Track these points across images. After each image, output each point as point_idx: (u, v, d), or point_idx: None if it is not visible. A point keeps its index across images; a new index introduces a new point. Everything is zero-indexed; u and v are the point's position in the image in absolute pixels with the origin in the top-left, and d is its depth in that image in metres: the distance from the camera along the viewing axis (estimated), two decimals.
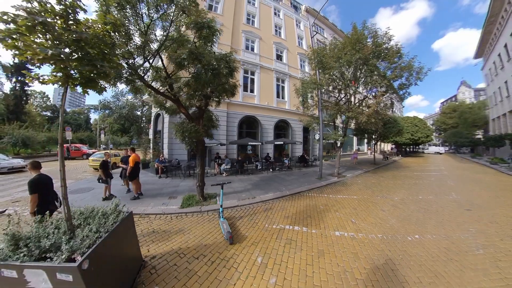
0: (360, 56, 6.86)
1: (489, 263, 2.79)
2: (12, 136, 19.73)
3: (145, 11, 4.41)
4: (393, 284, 2.33)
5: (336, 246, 3.17)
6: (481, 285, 2.36)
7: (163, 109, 6.08)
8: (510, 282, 2.40)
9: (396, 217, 4.49)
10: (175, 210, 4.63)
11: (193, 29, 4.60)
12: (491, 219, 4.35)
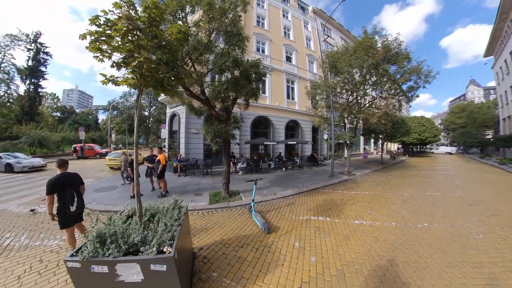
0: (372, 62, 7.44)
1: (488, 245, 3.39)
2: (29, 136, 20.75)
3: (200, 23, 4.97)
4: (410, 258, 2.96)
5: (357, 232, 3.81)
6: (481, 259, 2.96)
7: (192, 111, 6.59)
8: (506, 258, 3.00)
9: (407, 210, 5.10)
10: (205, 206, 5.09)
11: (224, 35, 5.17)
12: (493, 213, 4.92)
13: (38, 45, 29.40)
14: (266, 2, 16.96)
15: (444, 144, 53.40)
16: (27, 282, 2.51)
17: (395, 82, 8.34)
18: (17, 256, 3.08)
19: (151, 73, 2.19)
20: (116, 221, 2.20)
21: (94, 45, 2.00)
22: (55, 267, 2.79)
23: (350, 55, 8.39)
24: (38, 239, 3.59)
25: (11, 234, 3.78)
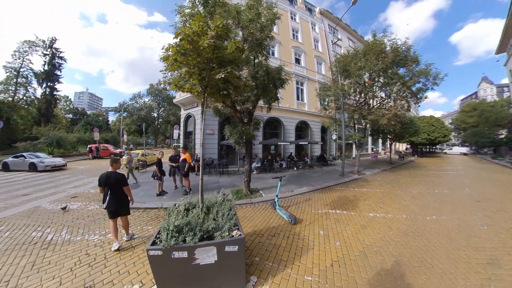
0: (382, 67, 7.91)
1: (491, 234, 3.85)
2: (48, 137, 21.99)
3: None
4: (420, 243, 3.48)
5: (373, 222, 4.34)
6: (484, 245, 3.44)
7: (217, 113, 7.04)
8: (507, 245, 3.45)
9: (416, 205, 5.58)
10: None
11: (257, 47, 5.74)
12: (499, 209, 5.32)
13: (54, 50, 30.93)
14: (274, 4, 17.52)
15: (456, 144, 52.35)
16: (80, 274, 2.65)
17: (404, 85, 8.76)
18: (63, 250, 3.26)
19: (215, 83, 2.62)
20: (176, 214, 2.48)
21: (176, 56, 2.36)
22: (104, 259, 2.97)
23: (360, 58, 8.85)
24: (78, 234, 3.80)
25: (51, 229, 3.99)
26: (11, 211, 4.98)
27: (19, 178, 9.34)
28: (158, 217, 4.64)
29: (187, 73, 2.55)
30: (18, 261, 2.94)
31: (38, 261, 2.94)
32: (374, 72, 8.26)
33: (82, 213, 4.88)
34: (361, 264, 2.86)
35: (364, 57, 8.93)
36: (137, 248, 3.33)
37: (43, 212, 4.94)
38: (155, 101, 38.61)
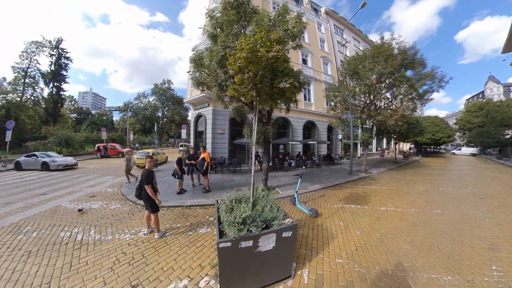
0: (391, 70, 8.38)
1: (493, 225, 4.34)
2: (57, 136, 22.56)
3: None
4: (428, 231, 3.99)
5: (385, 214, 4.86)
6: (486, 234, 3.93)
7: (237, 114, 7.44)
8: (507, 234, 3.92)
9: (423, 200, 6.09)
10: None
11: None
12: (501, 204, 5.81)
13: (60, 50, 31.58)
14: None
15: (460, 144, 52.23)
16: (122, 273, 2.67)
17: (412, 87, 9.22)
18: (97, 250, 3.25)
19: (268, 90, 3.00)
20: (233, 208, 2.74)
21: (242, 61, 2.54)
22: (142, 258, 3.02)
23: (370, 61, 9.32)
24: (108, 233, 3.81)
25: (78, 229, 3.97)
26: (32, 211, 4.97)
27: (33, 177, 9.47)
28: (184, 215, 4.78)
29: (244, 80, 2.79)
30: (54, 262, 2.90)
31: (74, 262, 2.92)
32: (384, 75, 8.73)
33: (106, 213, 4.91)
34: (381, 248, 3.37)
35: (373, 59, 9.40)
36: (173, 245, 3.41)
37: (65, 212, 4.94)
38: (160, 100, 39.26)
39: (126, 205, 5.55)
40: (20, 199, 5.96)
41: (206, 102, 12.29)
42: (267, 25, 5.48)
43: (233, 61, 2.63)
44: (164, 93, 39.43)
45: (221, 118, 12.11)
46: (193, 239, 3.66)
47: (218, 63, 5.06)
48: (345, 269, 2.79)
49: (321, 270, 2.75)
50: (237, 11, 5.47)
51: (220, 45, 4.93)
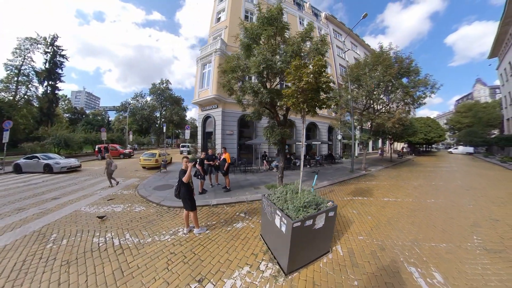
0: (389, 79, 9.44)
1: (475, 210, 5.38)
2: (55, 137, 22.27)
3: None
4: (424, 215, 4.95)
5: (388, 204, 5.82)
6: (469, 216, 4.93)
7: (256, 117, 7.64)
8: (485, 216, 4.93)
9: (418, 192, 7.14)
10: None
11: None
12: (483, 195, 6.91)
13: (55, 48, 31.22)
14: (285, 11, 18.94)
15: (450, 144, 54.84)
16: (181, 271, 2.77)
17: (408, 93, 10.35)
18: (142, 253, 3.21)
19: (311, 101, 3.81)
20: (289, 198, 3.25)
21: (306, 84, 3.36)
22: (194, 255, 3.15)
23: (370, 69, 10.36)
24: (145, 236, 3.77)
25: (112, 234, 3.85)
26: (51, 217, 4.74)
27: (37, 180, 9.03)
28: (214, 213, 5.02)
29: (298, 95, 3.60)
30: (101, 270, 2.80)
31: (124, 267, 2.85)
32: (383, 82, 9.79)
33: (133, 216, 4.83)
34: (390, 228, 4.29)
35: (373, 67, 10.44)
36: (218, 241, 3.63)
37: (88, 217, 4.76)
38: (158, 100, 39.32)
39: (150, 207, 5.49)
40: (32, 204, 5.66)
41: (215, 103, 12.96)
42: (297, 41, 6.23)
43: (294, 82, 3.46)
44: (162, 93, 39.57)
45: (230, 119, 12.85)
46: (234, 233, 3.95)
47: (259, 73, 5.75)
48: (367, 243, 3.66)
49: (349, 245, 3.58)
50: (274, 27, 6.09)
51: (260, 58, 5.53)
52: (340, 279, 2.64)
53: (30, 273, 2.76)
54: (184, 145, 26.75)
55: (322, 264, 2.96)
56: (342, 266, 2.92)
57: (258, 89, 6.08)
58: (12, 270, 2.81)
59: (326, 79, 3.54)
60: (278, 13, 6.08)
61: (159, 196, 6.37)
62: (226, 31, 14.94)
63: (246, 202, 5.99)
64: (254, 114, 7.35)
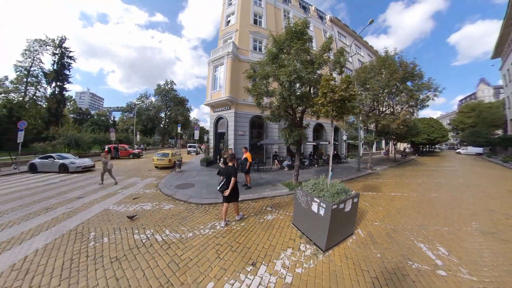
0: (395, 83, 10.17)
1: (475, 203, 6.09)
2: (66, 137, 23.05)
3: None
4: (428, 206, 5.67)
5: (395, 197, 6.55)
6: (469, 207, 5.64)
7: (275, 119, 8.28)
8: (483, 208, 5.64)
9: (422, 188, 7.87)
10: (288, 192, 7.04)
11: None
12: (483, 191, 7.62)
13: (63, 49, 32.08)
14: (292, 14, 19.70)
15: (454, 144, 55.02)
16: (232, 258, 3.09)
17: (412, 97, 11.06)
18: (189, 246, 3.45)
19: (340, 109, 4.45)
20: (321, 189, 3.91)
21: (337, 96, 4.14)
22: (239, 244, 3.50)
23: (376, 73, 11.08)
24: (184, 231, 4.01)
25: (151, 231, 4.02)
26: (83, 216, 4.86)
27: (55, 180, 9.22)
28: (242, 208, 5.41)
29: (328, 104, 4.29)
30: (155, 264, 2.96)
31: (176, 260, 3.05)
32: (388, 86, 10.51)
33: (164, 213, 5.03)
34: (399, 216, 5.02)
35: (379, 70, 11.15)
36: (256, 231, 4.07)
37: (119, 215, 4.89)
38: (163, 101, 40.15)
39: (178, 204, 5.75)
40: (58, 203, 5.77)
41: (227, 105, 13.65)
42: (321, 54, 6.92)
43: (326, 93, 4.19)
44: (167, 93, 40.41)
45: (242, 120, 13.56)
46: (268, 224, 4.42)
47: (290, 82, 6.41)
48: (381, 227, 4.38)
49: (368, 229, 4.29)
50: (303, 40, 6.80)
51: (292, 68, 6.20)
52: (365, 253, 3.35)
53: (82, 270, 2.84)
54: (192, 145, 27.52)
55: (349, 243, 3.67)
56: (365, 244, 3.64)
57: (287, 95, 6.72)
58: (63, 269, 2.88)
59: (353, 92, 4.26)
60: (304, 26, 6.76)
61: (184, 194, 6.71)
62: (236, 34, 15.62)
63: (268, 198, 6.57)
64: (273, 116, 7.99)
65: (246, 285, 2.56)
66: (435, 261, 3.13)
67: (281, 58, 7.14)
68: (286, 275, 2.73)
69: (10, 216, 4.85)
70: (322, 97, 4.33)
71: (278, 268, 2.87)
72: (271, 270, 2.83)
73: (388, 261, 3.12)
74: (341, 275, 2.76)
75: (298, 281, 2.63)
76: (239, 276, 2.71)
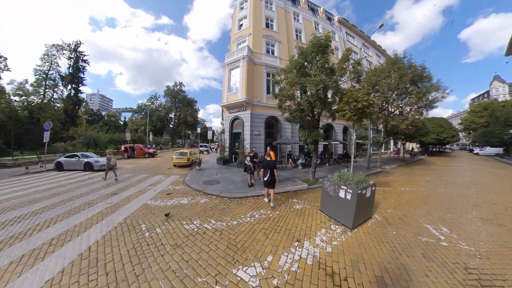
0: (404, 86, 10.93)
1: (479, 197, 6.86)
2: (85, 137, 24.47)
3: None
4: (435, 199, 6.48)
5: (405, 192, 7.38)
6: (472, 200, 6.41)
7: (293, 119, 9.18)
8: (486, 201, 6.39)
9: (430, 185, 8.66)
10: (307, 187, 7.93)
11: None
12: (488, 188, 8.34)
13: (78, 53, 33.83)
14: (301, 16, 20.51)
15: (465, 144, 53.91)
16: (279, 238, 3.74)
17: (420, 99, 11.79)
18: (238, 231, 3.93)
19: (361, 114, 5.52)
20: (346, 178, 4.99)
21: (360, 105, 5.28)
22: (280, 227, 4.12)
23: (386, 76, 11.84)
24: (229, 220, 4.56)
25: (198, 221, 4.53)
26: (125, 210, 5.22)
27: (83, 178, 9.75)
28: (277, 200, 6.26)
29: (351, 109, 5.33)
30: (215, 247, 3.44)
31: (233, 242, 3.59)
32: (398, 89, 11.28)
33: (202, 206, 5.59)
34: (408, 206, 5.88)
35: (388, 73, 11.92)
36: (291, 217, 4.80)
37: (160, 209, 5.30)
38: (173, 102, 41.65)
39: (212, 198, 6.36)
40: (96, 199, 6.19)
41: (244, 106, 14.57)
42: (342, 67, 7.85)
43: (350, 101, 5.11)
44: (177, 95, 41.91)
45: (258, 121, 14.50)
46: (299, 212, 5.22)
47: (317, 90, 7.24)
48: (394, 213, 5.26)
49: (383, 215, 5.17)
50: (325, 53, 7.71)
51: (319, 78, 7.05)
52: (384, 231, 4.23)
53: (149, 256, 3.17)
54: (203, 145, 28.90)
55: (369, 224, 4.56)
56: (382, 225, 4.53)
57: (313, 101, 7.60)
58: (130, 256, 3.19)
59: (372, 101, 5.18)
60: (327, 40, 7.61)
61: (214, 189, 7.38)
62: (250, 38, 16.44)
63: (291, 191, 7.43)
64: (294, 118, 8.90)
65: (298, 255, 3.28)
66: (439, 237, 3.99)
67: (307, 67, 8.02)
68: (326, 247, 3.59)
69: (56, 211, 5.23)
70: (346, 104, 5.24)
71: (318, 242, 3.73)
72: (313, 244, 3.66)
73: (402, 236, 4.00)
74: (367, 246, 3.63)
75: (336, 250, 3.50)
76: (290, 250, 3.43)
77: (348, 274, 2.83)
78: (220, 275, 2.77)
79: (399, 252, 3.42)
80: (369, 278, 2.76)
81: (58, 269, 2.91)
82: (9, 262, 3.07)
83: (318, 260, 3.14)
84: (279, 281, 2.67)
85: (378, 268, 2.98)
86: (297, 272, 2.84)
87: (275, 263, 3.05)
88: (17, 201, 6.03)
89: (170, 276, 2.77)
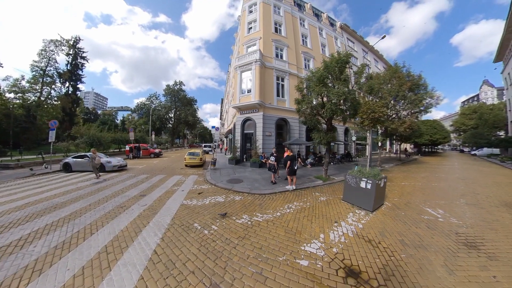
0: (403, 94, 12.59)
1: (466, 190, 8.46)
2: (89, 136, 24.51)
3: None
4: (431, 191, 8.03)
5: (405, 186, 8.93)
6: (462, 192, 7.99)
7: (310, 123, 10.39)
8: (472, 191, 7.98)
9: (425, 180, 10.31)
10: (322, 183, 9.03)
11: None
12: (473, 182, 10.03)
13: (76, 50, 33.85)
14: (307, 22, 21.90)
15: (456, 145, 57.35)
16: (320, 221, 4.80)
17: (417, 105, 13.51)
18: (285, 220, 4.60)
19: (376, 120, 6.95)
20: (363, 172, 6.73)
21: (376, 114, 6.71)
22: (316, 214, 5.29)
23: (386, 83, 13.48)
24: (272, 213, 5.06)
25: (245, 216, 4.92)
26: (166, 211, 5.35)
27: (99, 179, 9.52)
28: (298, 195, 6.99)
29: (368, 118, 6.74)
30: (276, 233, 4.07)
31: (287, 229, 4.26)
32: (398, 96, 12.94)
33: (241, 203, 6.10)
34: (409, 196, 7.36)
35: (389, 81, 13.56)
36: (320, 207, 5.87)
37: (201, 208, 5.59)
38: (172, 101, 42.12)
39: (244, 195, 6.94)
40: (127, 201, 6.17)
41: (256, 108, 15.70)
42: (359, 81, 9.34)
43: (367, 111, 6.49)
44: (177, 94, 42.43)
45: (269, 122, 15.75)
46: (325, 203, 6.20)
47: (340, 100, 8.55)
48: (400, 201, 6.70)
49: (391, 202, 6.56)
50: (344, 68, 9.10)
51: (342, 90, 8.38)
52: (395, 213, 5.62)
53: (222, 251, 3.43)
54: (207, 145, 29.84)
55: (383, 208, 5.96)
56: (393, 208, 5.95)
57: (335, 108, 8.93)
58: (204, 253, 3.36)
59: (386, 113, 6.59)
60: (347, 57, 9.02)
61: (243, 187, 7.93)
62: (260, 41, 17.35)
63: (310, 187, 8.54)
64: (311, 121, 10.20)
65: (341, 231, 4.31)
66: (437, 215, 5.45)
67: (328, 78, 9.35)
68: (358, 224, 4.86)
69: (90, 216, 5.00)
70: (364, 114, 6.65)
71: (351, 222, 4.97)
72: (348, 223, 4.88)
73: (409, 216, 5.43)
74: (386, 222, 4.98)
75: (366, 226, 4.76)
76: (333, 228, 4.45)
77: (380, 240, 4.11)
78: (294, 252, 3.46)
79: (409, 226, 4.80)
80: (394, 241, 4.06)
81: (136, 277, 2.78)
82: (72, 275, 2.82)
83: (356, 233, 4.37)
84: (337, 249, 3.64)
85: (398, 235, 4.30)
86: (346, 242, 3.97)
87: (327, 238, 4.00)
88: (40, 207, 5.70)
89: (254, 262, 3.14)
